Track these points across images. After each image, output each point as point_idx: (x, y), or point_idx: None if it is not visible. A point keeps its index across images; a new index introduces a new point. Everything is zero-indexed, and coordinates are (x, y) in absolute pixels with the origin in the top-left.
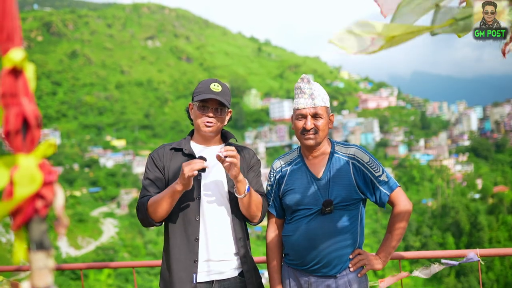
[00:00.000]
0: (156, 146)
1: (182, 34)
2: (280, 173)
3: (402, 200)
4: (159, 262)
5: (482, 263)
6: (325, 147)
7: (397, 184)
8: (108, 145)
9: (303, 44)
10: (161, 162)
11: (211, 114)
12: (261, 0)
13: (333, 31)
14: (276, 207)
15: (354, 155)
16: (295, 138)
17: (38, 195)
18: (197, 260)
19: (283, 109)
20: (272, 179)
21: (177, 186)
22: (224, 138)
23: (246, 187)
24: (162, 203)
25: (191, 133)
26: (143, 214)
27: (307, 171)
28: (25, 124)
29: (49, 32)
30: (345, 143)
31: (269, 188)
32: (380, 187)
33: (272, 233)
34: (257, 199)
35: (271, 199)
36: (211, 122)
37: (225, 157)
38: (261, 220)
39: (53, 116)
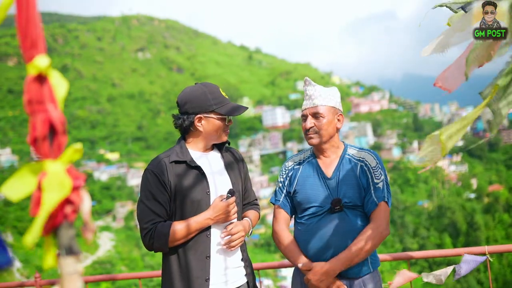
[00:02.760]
0: (150, 158)
1: (172, 45)
2: (292, 171)
3: (380, 219)
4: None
5: (491, 259)
6: (337, 148)
7: (386, 198)
8: (101, 159)
9: (294, 50)
10: (166, 178)
11: (231, 123)
12: (250, 9)
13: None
14: (287, 205)
15: (364, 158)
16: (289, 145)
17: (67, 201)
18: (209, 278)
19: (275, 116)
20: (284, 177)
21: (211, 222)
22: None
23: (251, 229)
24: (188, 236)
25: (183, 140)
26: (162, 244)
27: (318, 170)
28: (52, 130)
29: None
30: (359, 147)
31: (280, 185)
32: (373, 194)
33: (284, 229)
34: (256, 219)
35: (282, 196)
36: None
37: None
38: None
39: None
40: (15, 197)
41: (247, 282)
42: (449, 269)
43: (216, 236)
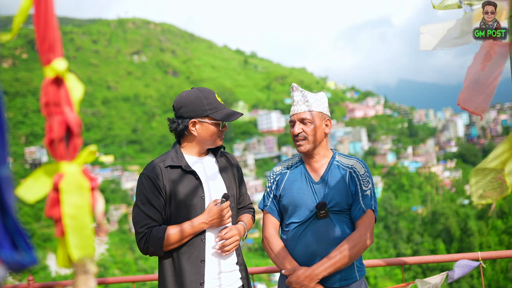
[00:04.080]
0: (144, 161)
1: (168, 48)
2: (280, 176)
3: (365, 226)
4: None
5: (484, 265)
6: (325, 154)
7: (373, 207)
8: (96, 162)
9: (289, 55)
10: (161, 183)
11: (225, 128)
12: (246, 13)
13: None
14: (274, 209)
15: (352, 165)
16: (284, 149)
17: None
18: (203, 282)
19: (270, 121)
20: (271, 182)
21: (205, 226)
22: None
23: (246, 233)
24: (183, 240)
25: (179, 144)
26: (156, 248)
27: (306, 174)
28: (68, 132)
29: (34, 50)
30: (347, 155)
31: (268, 190)
32: (361, 201)
33: (273, 235)
34: (250, 223)
35: (269, 201)
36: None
37: (223, 246)
38: None
39: (39, 133)
40: (31, 198)
41: (242, 286)
42: (443, 275)
43: (211, 240)
